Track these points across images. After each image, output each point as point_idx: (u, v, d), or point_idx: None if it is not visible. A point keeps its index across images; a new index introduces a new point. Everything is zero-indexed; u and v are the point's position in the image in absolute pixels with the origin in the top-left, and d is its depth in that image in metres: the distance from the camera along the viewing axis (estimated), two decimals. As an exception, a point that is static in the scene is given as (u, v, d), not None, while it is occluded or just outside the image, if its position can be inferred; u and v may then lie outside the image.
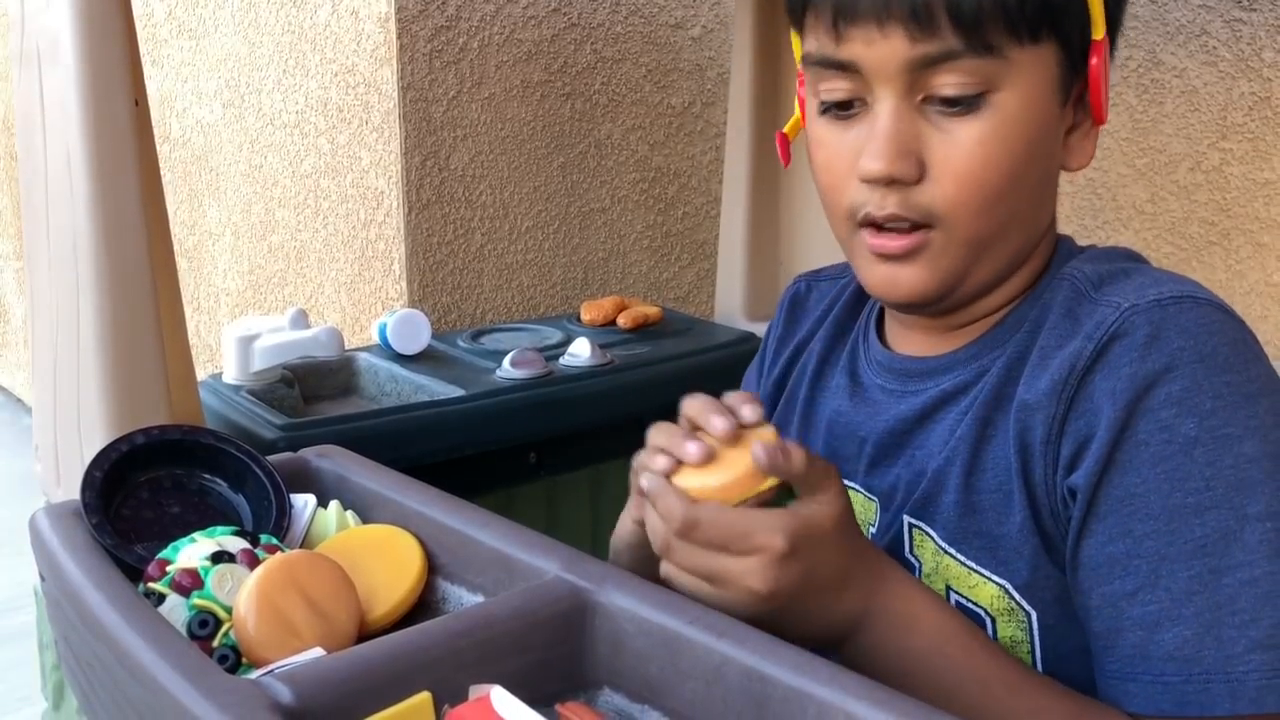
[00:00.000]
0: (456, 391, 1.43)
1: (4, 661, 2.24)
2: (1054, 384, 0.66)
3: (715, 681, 0.57)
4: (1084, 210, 1.74)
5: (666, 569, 0.65)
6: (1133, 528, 0.62)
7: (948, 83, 0.65)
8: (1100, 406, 0.64)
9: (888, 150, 0.66)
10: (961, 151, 0.66)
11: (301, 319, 1.52)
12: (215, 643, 0.66)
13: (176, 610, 0.67)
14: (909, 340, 0.79)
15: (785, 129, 0.82)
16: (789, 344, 0.91)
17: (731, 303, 1.75)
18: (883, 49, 0.66)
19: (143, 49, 1.02)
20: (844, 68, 0.68)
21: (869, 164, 0.67)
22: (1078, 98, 0.70)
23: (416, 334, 1.60)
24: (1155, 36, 1.62)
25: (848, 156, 0.69)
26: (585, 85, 2.12)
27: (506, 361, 1.48)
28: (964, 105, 0.66)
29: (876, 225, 0.69)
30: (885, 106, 0.67)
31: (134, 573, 0.71)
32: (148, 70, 2.70)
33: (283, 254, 2.39)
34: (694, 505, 0.63)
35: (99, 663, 0.64)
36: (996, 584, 0.70)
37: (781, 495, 0.66)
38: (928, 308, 0.73)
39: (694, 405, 0.69)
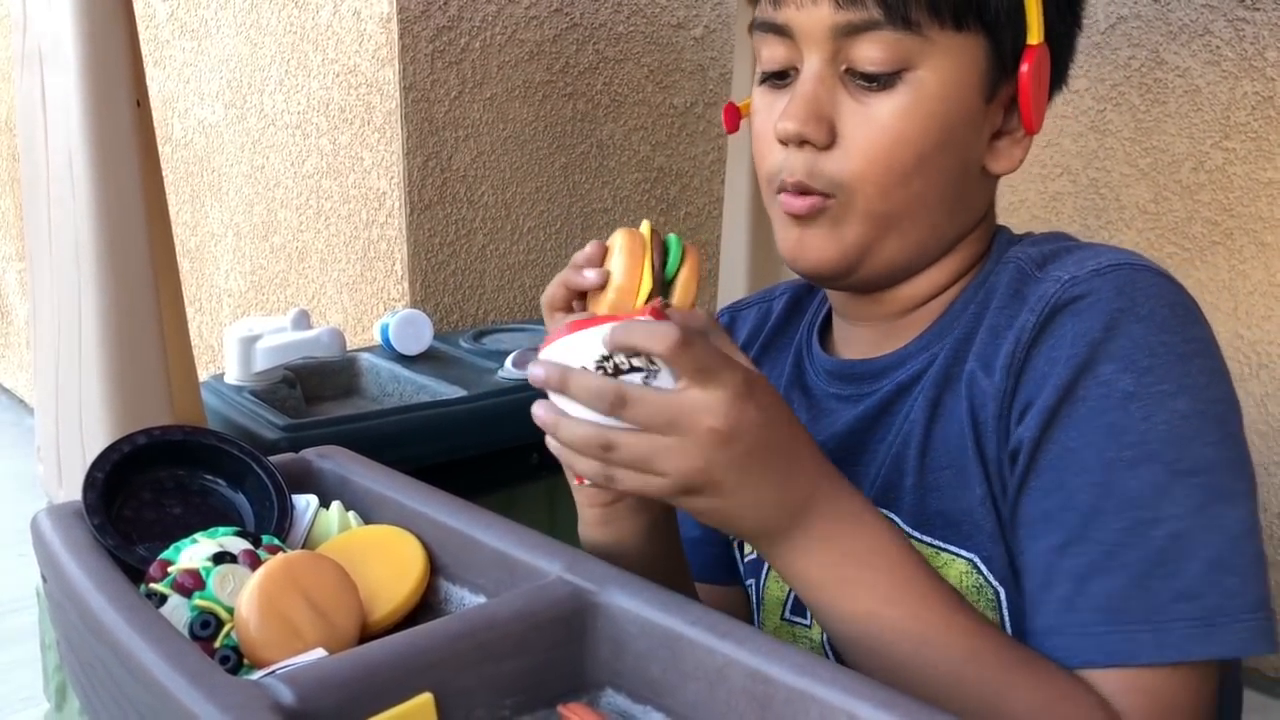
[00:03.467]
0: (458, 392, 1.43)
1: (7, 662, 2.25)
2: (1005, 360, 0.68)
3: (718, 682, 0.57)
4: (1087, 210, 1.74)
5: (588, 466, 0.61)
6: (1067, 481, 0.64)
7: (868, 56, 0.67)
8: (1044, 372, 0.65)
9: (801, 111, 0.69)
10: (873, 125, 0.68)
11: (303, 320, 1.52)
12: (217, 644, 0.66)
13: (178, 611, 0.67)
14: (858, 344, 0.80)
15: (741, 104, 0.83)
16: None
17: (734, 303, 1.74)
18: (811, 13, 0.69)
19: (145, 50, 1.02)
20: (779, 31, 0.71)
21: (781, 123, 0.69)
22: (1009, 101, 0.72)
23: (418, 334, 1.60)
24: (1158, 36, 1.61)
25: (774, 122, 0.71)
26: (587, 85, 2.12)
27: (508, 362, 1.48)
28: (880, 82, 0.68)
29: (788, 190, 0.71)
30: (809, 71, 0.70)
31: (136, 573, 0.71)
32: (149, 71, 2.71)
33: (284, 255, 2.39)
34: (619, 384, 0.59)
35: (101, 663, 0.64)
36: (965, 558, 0.70)
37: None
38: (838, 280, 0.75)
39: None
